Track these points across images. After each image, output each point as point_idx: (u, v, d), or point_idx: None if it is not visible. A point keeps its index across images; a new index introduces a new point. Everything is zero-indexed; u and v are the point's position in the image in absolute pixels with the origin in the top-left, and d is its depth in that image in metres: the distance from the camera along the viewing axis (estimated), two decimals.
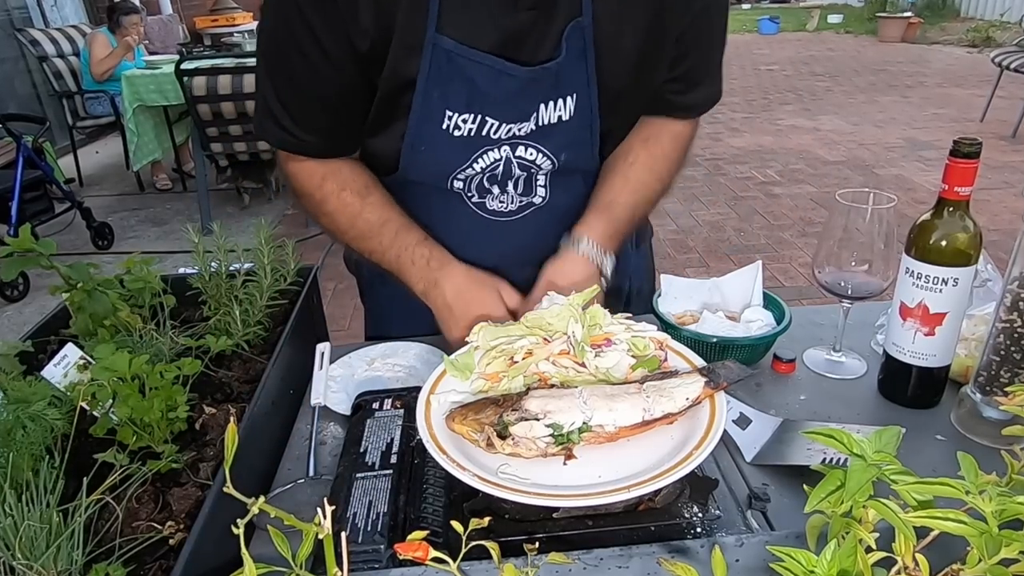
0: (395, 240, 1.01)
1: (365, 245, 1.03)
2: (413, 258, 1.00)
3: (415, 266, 1.00)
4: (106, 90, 5.38)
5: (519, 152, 0.99)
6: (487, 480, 0.66)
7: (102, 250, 4.49)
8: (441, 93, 0.91)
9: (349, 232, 1.03)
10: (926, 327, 0.87)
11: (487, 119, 0.94)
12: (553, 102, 0.95)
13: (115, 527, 0.68)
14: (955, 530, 0.47)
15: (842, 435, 0.53)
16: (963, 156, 0.80)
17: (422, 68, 0.89)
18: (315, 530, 0.49)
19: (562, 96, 0.95)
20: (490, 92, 0.92)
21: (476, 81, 0.91)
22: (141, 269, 1.03)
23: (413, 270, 1.00)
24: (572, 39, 0.91)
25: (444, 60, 0.89)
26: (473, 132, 0.95)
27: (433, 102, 0.92)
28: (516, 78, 0.91)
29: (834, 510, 0.51)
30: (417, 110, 0.93)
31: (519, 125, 0.96)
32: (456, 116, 0.93)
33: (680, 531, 0.69)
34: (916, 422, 0.89)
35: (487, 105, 0.93)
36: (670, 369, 0.82)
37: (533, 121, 0.96)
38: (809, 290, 3.53)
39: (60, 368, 0.86)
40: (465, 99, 0.92)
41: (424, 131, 0.95)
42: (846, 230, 0.93)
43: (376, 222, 1.01)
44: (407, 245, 1.01)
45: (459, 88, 0.91)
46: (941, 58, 9.72)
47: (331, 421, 0.96)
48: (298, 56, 0.90)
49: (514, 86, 0.92)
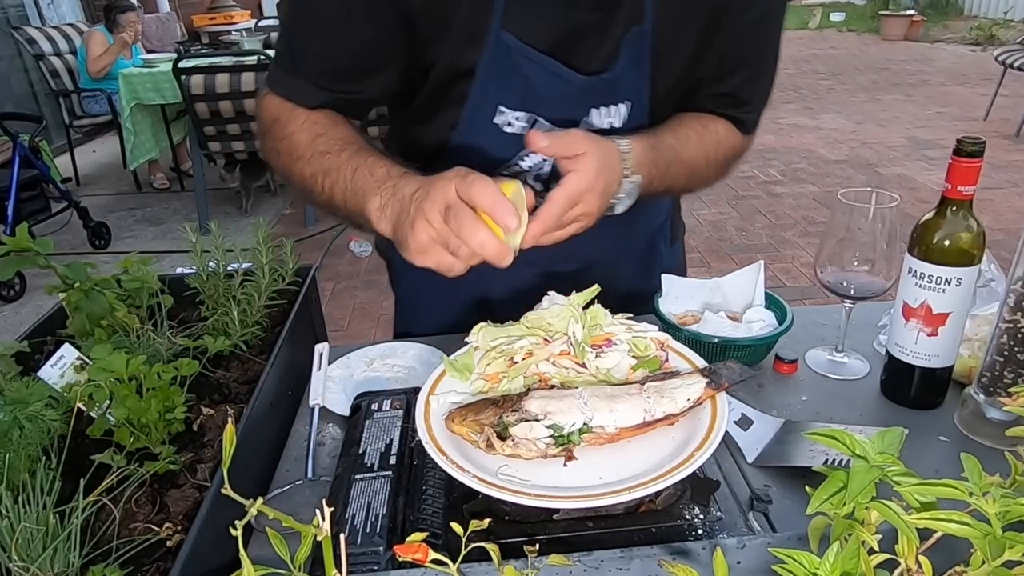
0: (356, 155, 0.87)
1: (320, 166, 0.89)
2: (371, 169, 0.85)
3: (373, 176, 0.84)
4: (103, 89, 5.38)
5: None
6: (487, 481, 0.66)
7: (99, 250, 4.49)
8: (497, 87, 0.92)
9: (306, 153, 0.90)
10: (929, 327, 0.87)
11: (539, 119, 0.94)
12: (606, 108, 0.96)
13: (112, 529, 0.68)
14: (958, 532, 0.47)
15: (844, 436, 0.53)
16: (966, 155, 0.80)
17: (482, 60, 0.89)
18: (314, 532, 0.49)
19: (615, 103, 0.95)
20: (543, 93, 0.92)
21: (532, 80, 0.91)
22: (138, 269, 1.03)
23: (370, 180, 0.84)
24: (630, 46, 0.91)
25: (504, 55, 0.88)
26: (524, 130, 0.95)
27: (489, 95, 0.92)
28: (571, 84, 0.91)
29: (836, 512, 0.51)
30: (473, 100, 0.93)
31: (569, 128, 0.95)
32: (509, 112, 0.94)
33: (681, 533, 0.69)
34: (919, 423, 0.89)
35: (540, 105, 0.93)
36: (671, 370, 0.82)
37: (584, 126, 0.96)
38: (811, 290, 3.53)
39: (57, 369, 0.86)
40: (519, 96, 0.92)
41: (476, 123, 0.95)
42: (848, 230, 0.93)
43: (339, 138, 0.90)
44: (366, 160, 0.87)
45: (515, 84, 0.91)
46: (944, 56, 9.71)
47: (330, 422, 0.95)
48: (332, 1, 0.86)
49: (568, 91, 0.92)
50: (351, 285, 3.91)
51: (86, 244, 4.49)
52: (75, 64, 5.58)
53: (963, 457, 0.52)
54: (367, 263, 4.16)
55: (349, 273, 4.06)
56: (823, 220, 4.36)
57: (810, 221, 4.40)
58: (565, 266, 1.06)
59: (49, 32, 5.71)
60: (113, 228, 4.65)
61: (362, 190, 0.84)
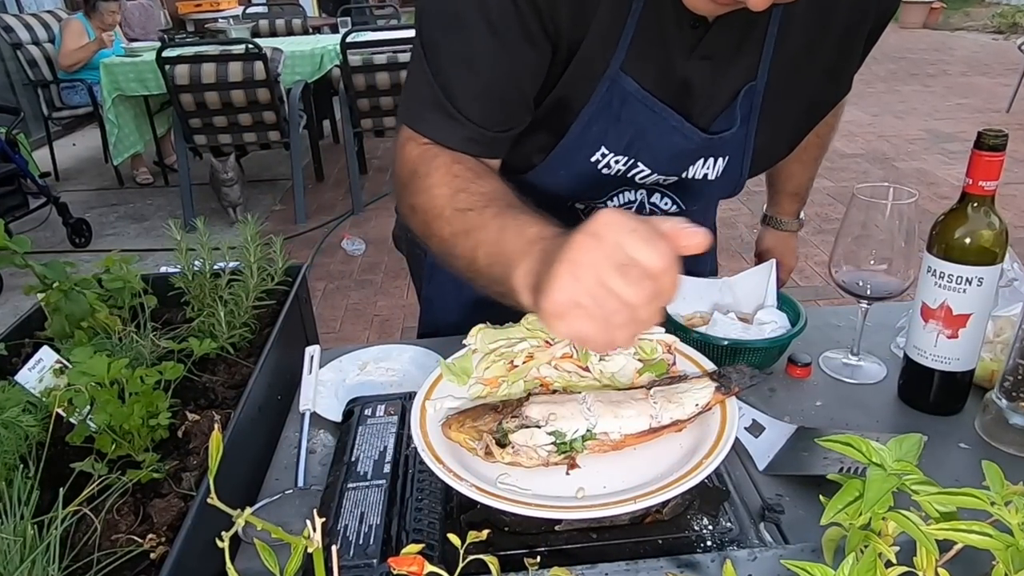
0: (502, 213, 0.77)
1: (460, 223, 0.80)
2: (522, 228, 0.73)
3: (523, 237, 0.72)
4: (83, 79, 5.38)
5: (654, 199, 1.02)
6: (485, 491, 0.66)
7: (79, 248, 4.49)
8: (602, 128, 0.92)
9: (445, 210, 0.82)
10: (949, 329, 0.87)
11: (639, 164, 0.96)
12: (703, 160, 0.98)
13: (93, 540, 0.68)
14: (980, 543, 0.47)
15: (860, 443, 0.53)
16: (988, 148, 0.80)
17: (593, 99, 0.89)
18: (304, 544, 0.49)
19: (714, 156, 0.97)
20: (656, 143, 0.93)
21: (646, 129, 0.91)
22: (120, 268, 1.03)
23: (519, 242, 0.71)
24: (742, 104, 0.93)
25: (618, 99, 0.89)
26: (621, 173, 0.97)
27: (591, 135, 0.93)
28: (689, 139, 0.92)
29: (852, 522, 0.51)
30: (572, 138, 0.93)
31: (666, 177, 0.98)
32: (610, 155, 0.95)
33: (689, 545, 0.69)
34: (938, 429, 0.89)
35: (644, 153, 0.94)
36: (679, 374, 0.82)
37: (678, 175, 0.99)
38: (826, 290, 3.53)
39: (35, 372, 0.86)
40: (626, 142, 0.93)
41: (571, 159, 0.95)
42: (865, 227, 0.93)
43: (483, 193, 0.82)
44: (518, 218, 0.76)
45: (623, 130, 0.92)
46: (965, 45, 9.71)
47: (321, 428, 0.96)
48: (483, 26, 0.81)
49: (684, 146, 0.93)
50: (343, 285, 3.91)
51: (66, 242, 4.49)
52: (54, 53, 5.58)
53: (984, 465, 0.52)
54: (360, 262, 4.17)
55: (341, 272, 4.06)
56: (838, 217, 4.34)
57: (824, 218, 4.40)
58: None
59: (27, 20, 5.71)
60: (94, 225, 4.65)
61: (509, 253, 0.72)
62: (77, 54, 5.27)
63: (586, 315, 0.59)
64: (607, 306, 0.58)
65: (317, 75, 4.78)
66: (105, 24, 5.39)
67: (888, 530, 0.51)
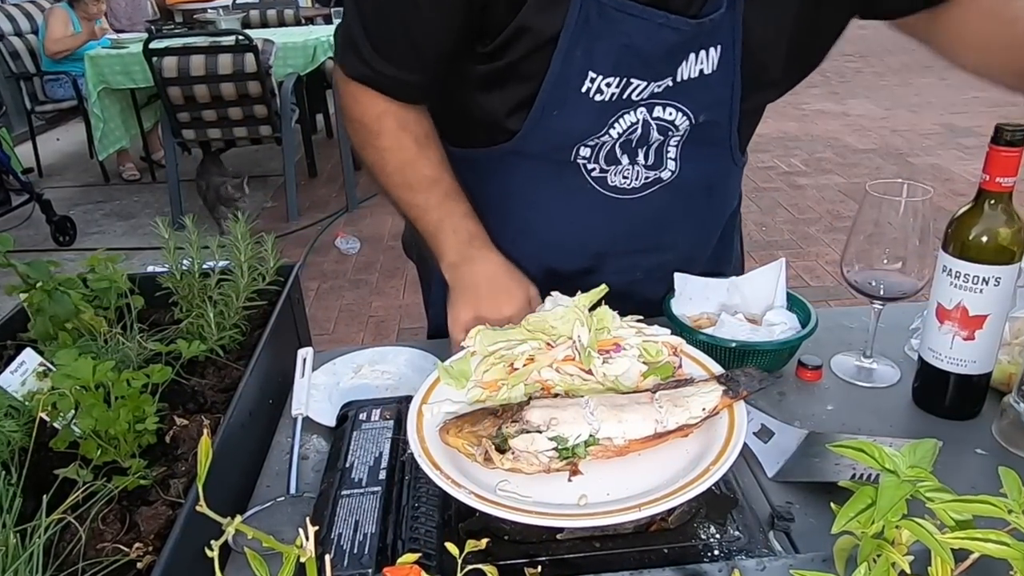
0: (442, 203, 1.03)
1: (407, 196, 1.04)
2: (455, 227, 1.02)
3: (455, 235, 1.02)
4: (68, 71, 5.38)
5: (656, 112, 0.98)
6: (485, 498, 0.66)
7: (63, 246, 4.49)
8: (585, 52, 0.90)
9: (394, 176, 1.04)
10: (965, 331, 0.88)
11: (632, 80, 0.93)
12: (695, 54, 0.94)
13: (78, 549, 0.68)
14: (997, 552, 0.47)
15: (873, 449, 0.54)
16: (1006, 143, 0.80)
17: (567, 23, 0.87)
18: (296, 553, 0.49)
19: (705, 47, 0.93)
20: (645, 49, 0.90)
21: (632, 37, 0.89)
22: (106, 267, 1.04)
23: (451, 239, 1.02)
24: None
25: (595, 14, 0.87)
26: (615, 96, 0.94)
27: (575, 62, 0.91)
28: (680, 31, 0.89)
29: (864, 531, 0.51)
30: (555, 71, 0.91)
31: (659, 83, 0.95)
32: (600, 79, 0.92)
33: (696, 554, 0.69)
34: (954, 434, 0.89)
35: (635, 66, 0.92)
36: (685, 377, 0.82)
37: (671, 77, 0.95)
38: (837, 290, 3.53)
39: (17, 375, 0.86)
40: (613, 60, 0.91)
41: (559, 95, 0.93)
42: (878, 224, 0.93)
43: (428, 177, 1.03)
44: (453, 212, 1.03)
45: (607, 47, 0.90)
46: None
47: (314, 433, 0.96)
48: None
49: (674, 41, 0.90)
50: (337, 285, 3.92)
51: (49, 240, 4.49)
52: (37, 45, 5.58)
53: (1002, 471, 0.52)
54: (355, 261, 4.17)
55: (335, 272, 4.06)
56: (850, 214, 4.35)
57: (836, 215, 4.41)
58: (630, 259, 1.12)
59: (8, 10, 5.71)
60: (79, 223, 4.66)
61: (443, 244, 1.02)
62: (66, 41, 5.27)
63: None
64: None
65: (310, 67, 4.78)
66: (90, 14, 5.40)
67: (902, 539, 0.51)
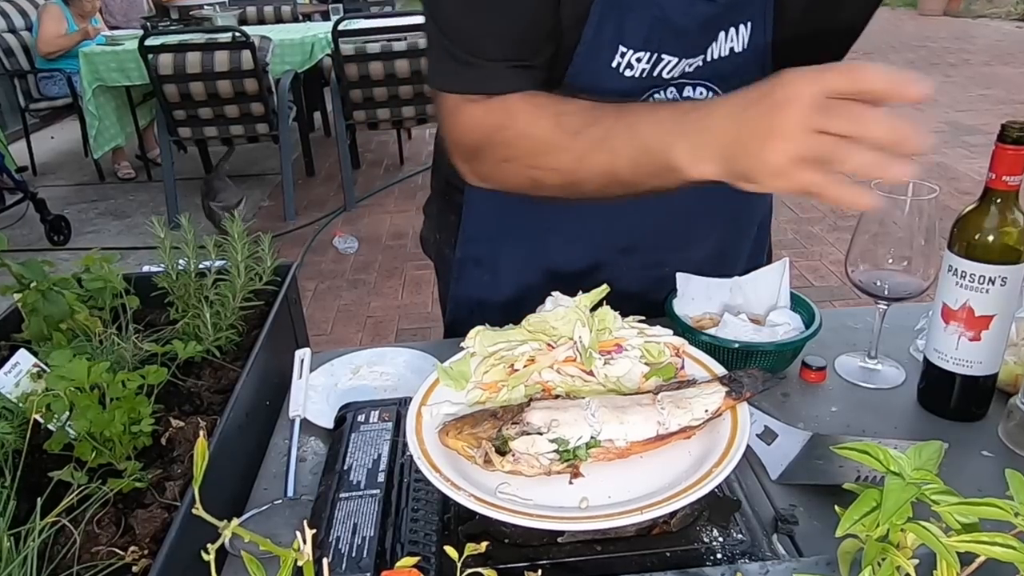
0: (621, 116, 0.83)
1: (583, 144, 0.85)
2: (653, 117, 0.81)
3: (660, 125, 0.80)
4: (62, 69, 5.38)
5: (687, 92, 0.97)
6: (485, 501, 0.66)
7: (58, 246, 4.49)
8: (616, 26, 0.89)
9: (558, 140, 0.86)
10: (971, 331, 0.88)
11: (663, 56, 0.92)
12: (725, 32, 0.93)
13: (72, 552, 0.68)
14: (1003, 556, 0.47)
15: (878, 451, 0.53)
16: (1012, 141, 0.80)
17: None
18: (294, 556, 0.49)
19: (735, 24, 0.92)
20: (678, 22, 0.89)
21: (664, 9, 0.88)
22: (101, 267, 1.04)
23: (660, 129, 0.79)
24: None
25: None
26: (646, 72, 0.93)
27: (605, 36, 0.90)
28: (713, 2, 0.88)
29: (869, 534, 0.51)
30: (586, 44, 0.90)
31: (691, 61, 0.94)
32: (630, 54, 0.91)
33: (698, 557, 0.69)
34: (960, 436, 0.89)
35: (666, 40, 0.91)
36: (687, 378, 0.82)
37: (702, 56, 0.94)
38: (841, 290, 3.53)
39: (11, 377, 0.86)
40: (644, 33, 0.90)
41: (589, 69, 0.92)
42: (882, 224, 0.93)
43: (580, 111, 0.86)
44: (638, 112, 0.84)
45: (638, 20, 0.89)
46: (987, 33, 9.72)
47: (311, 435, 0.96)
48: None
49: (707, 13, 0.89)
50: (335, 285, 3.92)
51: (43, 240, 4.49)
52: (31, 41, 5.58)
53: (1008, 474, 0.52)
54: (353, 261, 4.17)
55: (333, 272, 4.06)
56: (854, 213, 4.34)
57: (840, 215, 4.41)
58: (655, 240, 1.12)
59: (1, 6, 5.71)
60: (73, 222, 4.66)
61: (657, 143, 0.79)
62: (59, 41, 5.27)
63: (806, 165, 0.66)
64: (823, 148, 0.65)
65: (307, 64, 4.78)
66: (84, 11, 5.40)
67: (907, 542, 0.51)
